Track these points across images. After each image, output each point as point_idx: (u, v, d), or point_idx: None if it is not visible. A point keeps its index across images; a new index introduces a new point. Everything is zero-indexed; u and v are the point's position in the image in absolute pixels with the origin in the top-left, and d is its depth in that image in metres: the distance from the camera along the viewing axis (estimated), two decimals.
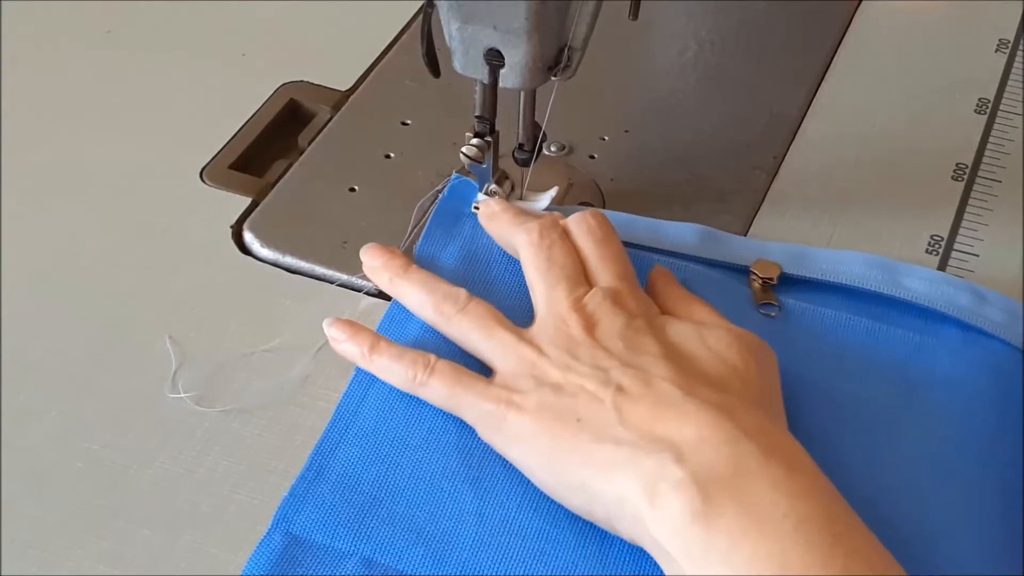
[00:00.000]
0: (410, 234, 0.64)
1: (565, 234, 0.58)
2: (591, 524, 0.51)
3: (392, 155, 0.70)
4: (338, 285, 0.62)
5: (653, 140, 0.72)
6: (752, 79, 0.76)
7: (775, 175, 0.70)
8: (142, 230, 0.66)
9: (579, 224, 0.58)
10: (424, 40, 0.59)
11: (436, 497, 0.52)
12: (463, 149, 0.62)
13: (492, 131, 0.61)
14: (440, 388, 0.54)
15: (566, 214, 0.63)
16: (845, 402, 0.56)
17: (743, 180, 0.69)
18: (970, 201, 0.67)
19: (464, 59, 0.58)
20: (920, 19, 0.81)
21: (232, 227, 0.66)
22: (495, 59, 0.57)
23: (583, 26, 0.57)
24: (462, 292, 0.57)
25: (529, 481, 0.52)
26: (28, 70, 0.76)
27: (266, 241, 0.65)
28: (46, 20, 0.80)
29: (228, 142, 0.71)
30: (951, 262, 0.64)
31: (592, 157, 0.70)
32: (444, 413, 0.55)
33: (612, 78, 0.75)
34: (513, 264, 0.61)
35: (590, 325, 0.54)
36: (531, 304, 0.57)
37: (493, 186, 0.64)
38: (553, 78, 0.58)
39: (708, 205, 0.67)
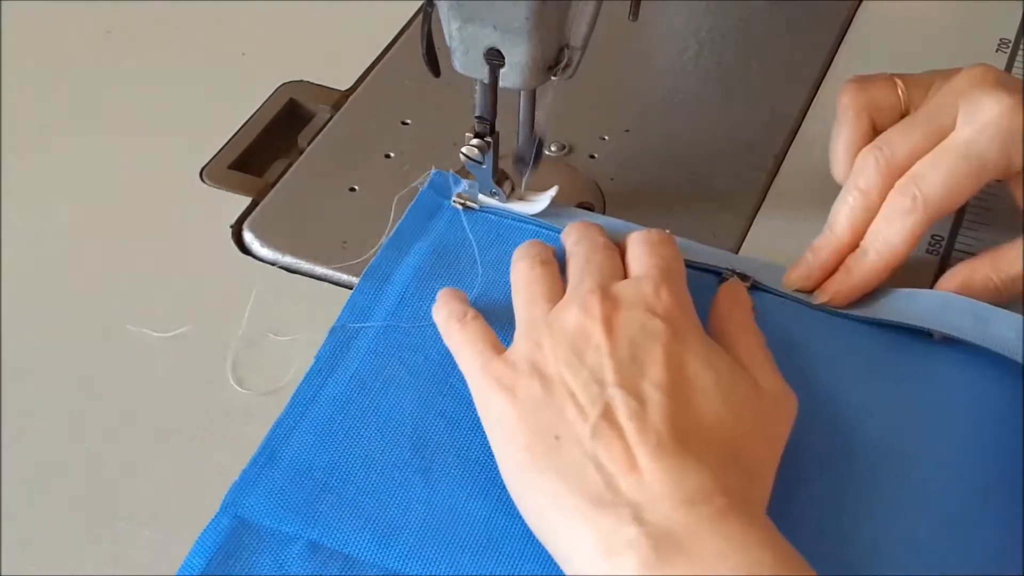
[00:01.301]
0: (389, 229, 0.64)
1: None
2: None
3: (392, 155, 0.70)
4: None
5: (653, 140, 0.72)
6: (752, 79, 0.76)
7: (775, 175, 0.70)
8: (142, 230, 0.66)
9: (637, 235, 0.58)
10: (424, 40, 0.59)
11: (386, 485, 0.53)
12: (463, 149, 0.62)
13: (492, 131, 0.61)
14: (458, 336, 0.55)
15: (566, 214, 0.63)
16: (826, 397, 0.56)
17: (743, 180, 0.69)
18: (970, 201, 0.67)
19: (464, 59, 0.58)
20: (920, 19, 0.81)
21: (232, 227, 0.66)
22: (495, 59, 0.57)
23: (583, 26, 0.57)
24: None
25: (479, 472, 0.53)
26: (28, 70, 0.76)
27: (266, 241, 0.65)
28: (46, 20, 0.80)
29: (228, 142, 0.71)
30: (951, 262, 0.64)
31: (592, 157, 0.70)
32: (400, 406, 0.56)
33: (612, 78, 0.75)
34: (484, 262, 0.61)
35: (613, 306, 0.53)
36: (497, 305, 0.58)
37: (494, 188, 0.64)
38: (553, 78, 0.58)
39: (708, 205, 0.67)
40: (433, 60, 0.60)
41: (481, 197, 0.65)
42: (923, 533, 0.52)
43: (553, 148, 0.70)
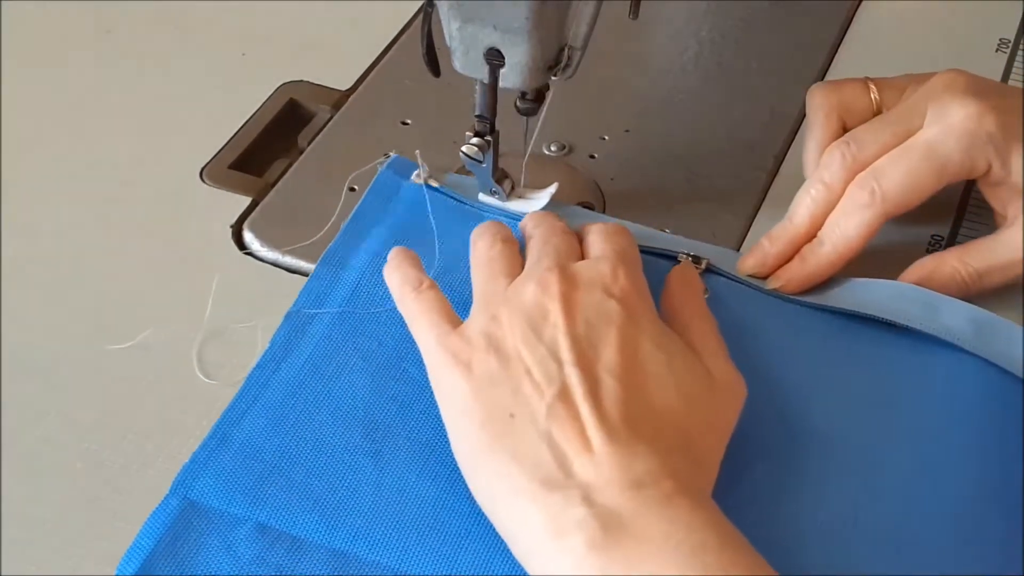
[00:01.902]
0: (340, 209, 0.64)
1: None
2: None
3: (392, 155, 0.70)
4: None
5: (653, 140, 0.72)
6: (752, 79, 0.76)
7: (775, 175, 0.70)
8: (142, 229, 0.66)
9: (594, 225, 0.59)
10: (424, 40, 0.59)
11: (336, 468, 0.53)
12: (463, 148, 0.62)
13: (492, 130, 0.61)
14: (414, 306, 0.55)
15: (565, 213, 0.63)
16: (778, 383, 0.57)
17: (743, 180, 0.69)
18: (970, 201, 0.67)
19: (464, 59, 0.58)
20: (920, 19, 0.81)
21: (232, 227, 0.66)
22: (495, 59, 0.57)
23: (583, 26, 0.57)
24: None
25: (429, 455, 0.54)
26: (28, 70, 0.76)
27: (266, 241, 0.65)
28: (46, 20, 0.80)
29: (228, 142, 0.71)
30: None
31: (592, 157, 0.70)
32: (353, 390, 0.56)
33: (612, 78, 0.75)
34: (442, 245, 0.61)
35: (571, 285, 0.53)
36: (456, 290, 0.58)
37: (495, 187, 0.64)
38: (553, 78, 0.58)
39: (708, 205, 0.67)
40: (433, 60, 0.60)
41: (482, 196, 0.65)
42: (869, 517, 0.52)
43: (553, 148, 0.70)
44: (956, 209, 0.67)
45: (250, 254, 0.65)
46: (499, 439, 0.49)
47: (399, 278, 0.57)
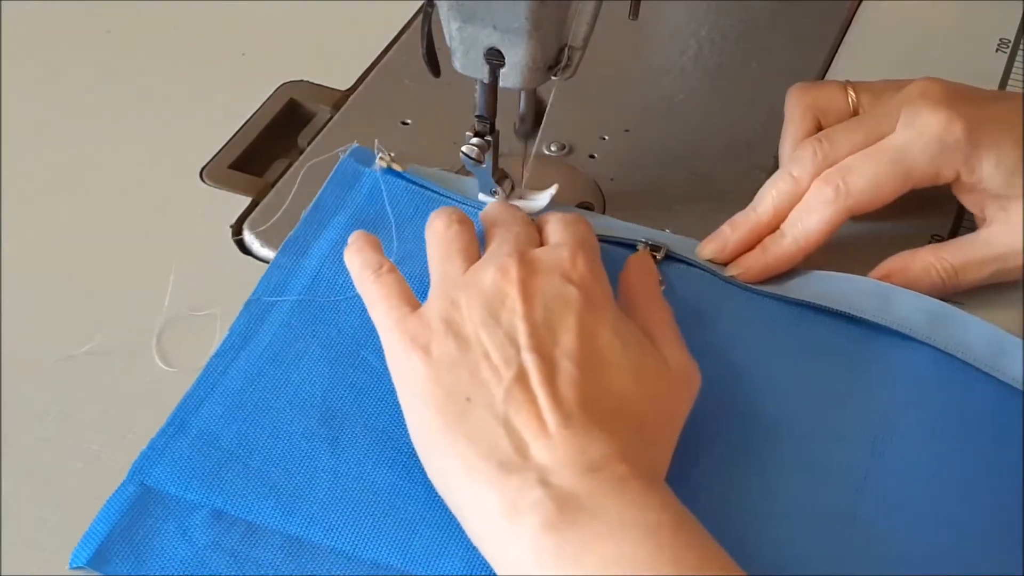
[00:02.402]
0: (294, 196, 0.65)
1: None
2: None
3: (392, 155, 0.70)
4: None
5: (653, 140, 0.72)
6: (752, 79, 0.76)
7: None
8: (142, 229, 0.66)
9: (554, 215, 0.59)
10: (424, 40, 0.59)
11: (293, 455, 0.54)
12: (463, 148, 0.62)
13: (492, 131, 0.61)
14: (373, 288, 0.55)
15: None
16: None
17: (743, 180, 0.69)
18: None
19: (464, 59, 0.58)
20: (920, 19, 0.81)
21: (232, 227, 0.66)
22: (495, 59, 0.57)
23: (583, 26, 0.57)
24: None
25: (387, 441, 0.54)
26: (28, 70, 0.76)
27: (266, 241, 0.65)
28: (46, 20, 0.80)
29: (228, 142, 0.71)
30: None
31: (592, 157, 0.70)
32: (312, 378, 0.57)
33: (612, 78, 0.75)
34: (403, 232, 0.62)
35: (530, 271, 0.53)
36: (414, 279, 0.58)
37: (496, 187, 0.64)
38: (553, 78, 0.58)
39: (708, 205, 0.67)
40: (433, 60, 0.60)
41: (482, 197, 0.65)
42: (821, 506, 0.53)
43: (553, 148, 0.70)
44: (955, 209, 0.67)
45: (250, 254, 0.65)
46: (456, 422, 0.50)
47: (359, 261, 0.57)
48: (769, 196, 0.62)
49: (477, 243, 0.58)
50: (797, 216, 0.61)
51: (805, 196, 0.61)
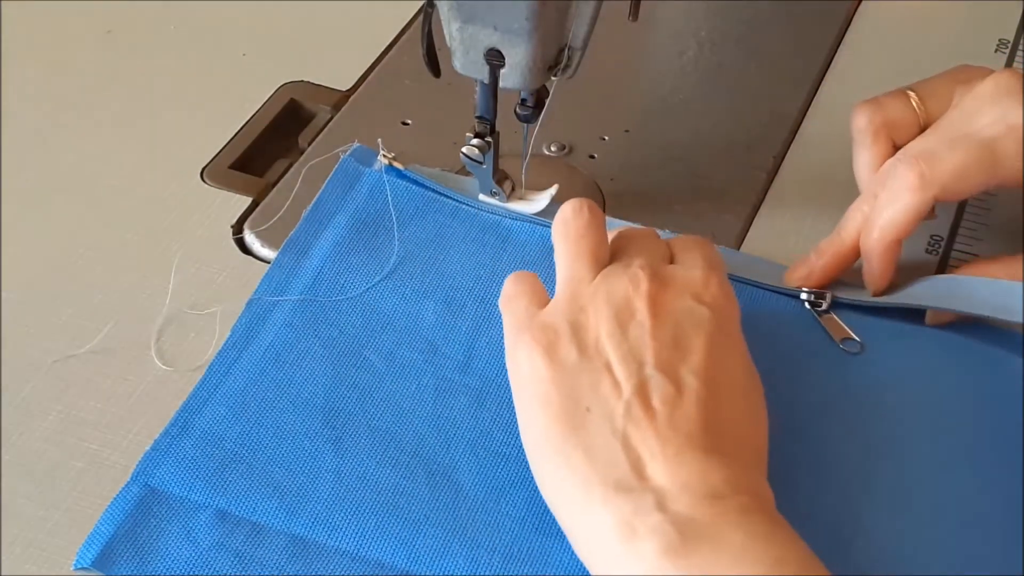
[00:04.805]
0: (295, 196, 0.65)
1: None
2: (446, 478, 0.53)
3: (394, 154, 0.70)
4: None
5: (653, 140, 0.72)
6: (752, 79, 0.76)
7: (775, 175, 0.70)
8: (142, 230, 0.66)
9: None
10: (424, 40, 0.59)
11: (296, 455, 0.54)
12: (463, 149, 0.62)
13: (492, 131, 0.61)
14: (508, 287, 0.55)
15: None
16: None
17: (743, 180, 0.69)
18: (970, 201, 0.67)
19: (464, 59, 0.58)
20: (920, 19, 0.81)
21: (232, 227, 0.66)
22: (495, 59, 0.57)
23: (583, 26, 0.57)
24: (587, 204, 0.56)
25: (390, 440, 0.54)
26: (28, 70, 0.76)
27: (266, 241, 0.65)
28: (46, 20, 0.80)
29: (229, 142, 0.71)
30: (951, 262, 0.64)
31: (592, 157, 0.70)
32: (314, 378, 0.57)
33: (612, 78, 0.75)
34: (404, 232, 0.62)
35: (661, 286, 0.52)
36: (415, 279, 0.59)
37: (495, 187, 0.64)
38: (553, 78, 0.58)
39: (708, 205, 0.67)
40: (433, 60, 0.60)
41: (482, 197, 0.65)
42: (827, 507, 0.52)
43: (553, 148, 0.70)
44: (955, 209, 0.67)
45: (251, 254, 0.65)
46: (573, 432, 0.48)
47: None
48: (854, 221, 0.60)
49: (607, 243, 0.56)
50: (880, 207, 0.59)
51: (887, 186, 0.58)
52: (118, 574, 0.50)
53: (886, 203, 0.58)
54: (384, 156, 0.65)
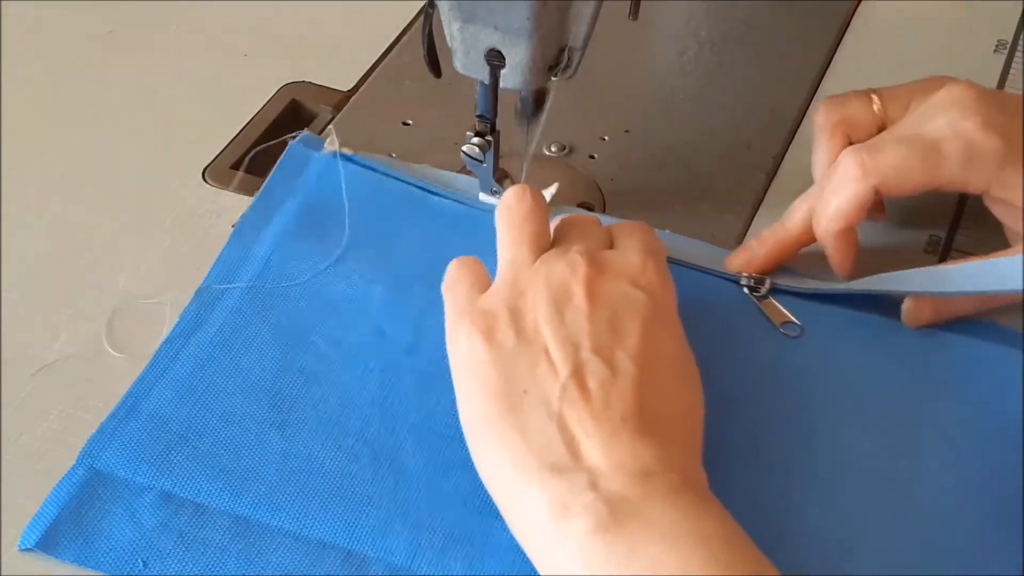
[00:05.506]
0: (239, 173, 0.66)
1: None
2: (390, 460, 0.54)
3: (393, 155, 0.70)
4: None
5: (653, 140, 0.72)
6: (752, 79, 0.76)
7: (774, 175, 0.70)
8: (144, 230, 0.66)
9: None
10: (425, 40, 0.59)
11: (242, 438, 0.55)
12: (464, 148, 0.62)
13: (493, 131, 0.62)
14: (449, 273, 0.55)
15: (563, 213, 0.63)
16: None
17: (743, 180, 0.69)
18: (969, 201, 0.67)
19: (465, 59, 0.58)
20: (920, 19, 0.81)
21: (234, 227, 0.66)
22: (496, 59, 0.57)
23: (583, 26, 0.57)
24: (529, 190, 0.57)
25: (335, 424, 0.55)
26: (28, 70, 0.76)
27: None
28: (46, 20, 0.80)
29: (230, 142, 0.71)
30: (949, 262, 0.64)
31: (592, 157, 0.71)
32: (261, 363, 0.57)
33: (612, 78, 0.75)
34: (353, 218, 0.63)
35: (598, 271, 0.53)
36: (364, 265, 0.60)
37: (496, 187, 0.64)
38: (553, 78, 0.59)
39: (708, 205, 0.67)
40: (434, 60, 0.60)
41: (483, 196, 0.65)
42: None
43: (553, 148, 0.70)
44: (955, 209, 0.67)
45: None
46: (510, 413, 0.49)
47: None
48: (800, 212, 0.61)
49: (548, 228, 0.56)
50: (826, 200, 0.60)
51: (831, 177, 0.60)
52: (62, 556, 0.51)
53: (831, 193, 0.60)
54: (331, 143, 0.65)
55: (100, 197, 0.68)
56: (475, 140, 0.62)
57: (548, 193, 0.64)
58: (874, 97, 0.63)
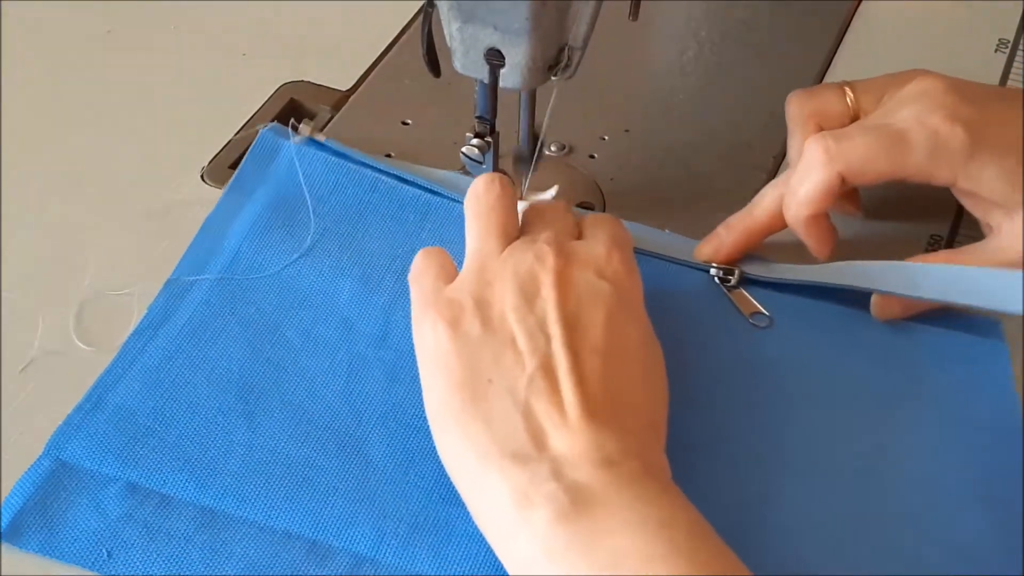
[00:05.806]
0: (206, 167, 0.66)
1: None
2: (356, 450, 0.54)
3: (392, 155, 0.70)
4: None
5: (653, 140, 0.72)
6: (752, 79, 0.76)
7: (775, 175, 0.70)
8: (143, 230, 0.66)
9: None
10: (424, 40, 0.59)
11: (209, 430, 0.55)
12: (463, 149, 0.62)
13: (492, 131, 0.62)
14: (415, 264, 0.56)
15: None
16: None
17: (743, 180, 0.69)
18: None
19: (464, 59, 0.58)
20: (920, 19, 0.81)
21: None
22: (495, 59, 0.57)
23: (583, 26, 0.57)
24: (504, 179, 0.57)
25: (302, 415, 0.55)
26: (28, 70, 0.76)
27: None
28: (46, 20, 0.80)
29: (229, 142, 0.71)
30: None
31: (592, 157, 0.71)
32: (229, 355, 0.57)
33: (612, 78, 0.75)
34: (323, 206, 0.63)
35: (566, 261, 0.53)
36: (332, 256, 0.60)
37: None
38: (553, 78, 0.58)
39: (708, 205, 0.67)
40: (433, 60, 0.60)
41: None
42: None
43: (553, 148, 0.70)
44: (955, 209, 0.67)
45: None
46: (473, 402, 0.50)
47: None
48: (768, 198, 0.62)
49: (517, 218, 0.57)
50: (793, 189, 0.60)
51: (799, 163, 0.60)
52: (27, 547, 0.51)
53: (798, 181, 0.60)
54: (300, 130, 0.65)
55: (98, 196, 0.68)
56: (474, 141, 0.62)
57: (548, 194, 0.64)
58: (847, 89, 0.64)
